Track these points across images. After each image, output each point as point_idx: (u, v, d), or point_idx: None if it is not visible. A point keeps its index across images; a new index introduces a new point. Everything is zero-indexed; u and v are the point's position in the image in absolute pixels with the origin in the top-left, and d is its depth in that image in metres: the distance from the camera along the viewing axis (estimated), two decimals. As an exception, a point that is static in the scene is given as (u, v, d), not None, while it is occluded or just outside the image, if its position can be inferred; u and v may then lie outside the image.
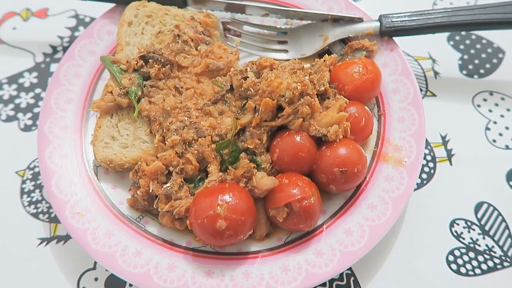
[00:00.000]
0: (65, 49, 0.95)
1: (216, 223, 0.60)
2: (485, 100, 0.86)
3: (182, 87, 0.77)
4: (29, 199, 0.78)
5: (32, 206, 0.77)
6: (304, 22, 0.88)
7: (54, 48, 0.95)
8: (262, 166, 0.69)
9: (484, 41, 0.93)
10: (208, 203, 0.62)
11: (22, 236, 0.74)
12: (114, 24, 0.87)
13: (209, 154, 0.68)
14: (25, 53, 0.95)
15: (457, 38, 0.94)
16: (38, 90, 0.90)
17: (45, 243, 0.74)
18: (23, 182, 0.80)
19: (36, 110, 0.88)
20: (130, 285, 0.70)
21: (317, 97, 0.72)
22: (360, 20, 0.84)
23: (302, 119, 0.68)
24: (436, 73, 0.90)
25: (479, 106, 0.86)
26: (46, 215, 0.76)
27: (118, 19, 0.86)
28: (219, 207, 0.61)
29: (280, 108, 0.69)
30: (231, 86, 0.75)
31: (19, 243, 0.74)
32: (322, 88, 0.73)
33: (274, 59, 0.81)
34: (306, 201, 0.63)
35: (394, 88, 0.79)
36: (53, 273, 0.71)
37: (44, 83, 0.91)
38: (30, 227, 0.75)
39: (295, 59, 0.79)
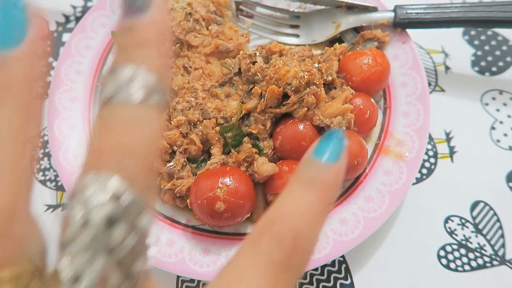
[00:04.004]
0: (77, 19, 0.95)
1: (215, 205, 0.62)
2: (494, 98, 0.86)
3: (191, 67, 0.78)
4: (38, 166, 0.81)
5: (41, 173, 0.80)
6: (318, 7, 0.87)
7: (66, 18, 0.96)
8: (264, 152, 0.70)
9: (500, 38, 0.92)
10: (209, 185, 0.64)
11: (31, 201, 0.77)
12: (127, -3, 0.86)
13: (213, 136, 0.70)
14: (38, 21, 0.95)
15: (473, 33, 0.93)
16: (49, 59, 0.91)
17: (51, 209, 0.77)
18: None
19: (47, 79, 0.89)
20: (130, 256, 0.73)
21: (324, 86, 0.72)
22: (374, 9, 0.83)
23: (306, 108, 0.69)
24: (447, 68, 0.89)
25: (487, 104, 0.85)
26: (53, 183, 0.79)
27: (131, -8, 0.86)
28: (219, 189, 0.63)
29: (285, 96, 0.70)
30: (239, 69, 0.75)
31: (26, 208, 0.77)
32: (330, 78, 0.73)
33: (284, 44, 0.82)
34: (304, 190, 0.65)
35: (403, 81, 0.79)
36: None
37: (56, 52, 0.92)
38: (38, 193, 0.78)
39: (305, 46, 0.79)
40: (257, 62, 0.73)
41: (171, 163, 0.69)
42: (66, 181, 0.71)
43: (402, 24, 0.81)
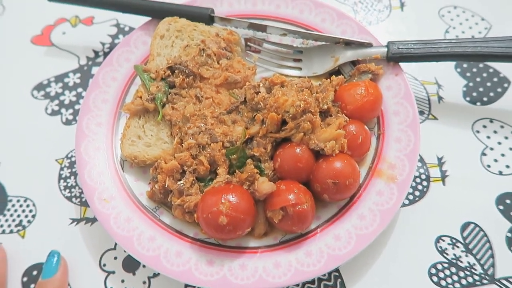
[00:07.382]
0: (105, 54, 1.07)
1: (218, 219, 0.69)
2: (484, 126, 0.91)
3: (202, 96, 0.87)
4: (65, 184, 0.90)
5: (67, 191, 0.90)
6: (319, 43, 0.96)
7: (96, 53, 1.08)
8: (265, 172, 0.78)
9: (491, 70, 0.98)
10: (213, 201, 0.71)
11: (57, 216, 0.87)
12: (148, 35, 0.98)
13: (219, 158, 0.78)
14: (71, 56, 1.08)
15: (465, 65, 0.99)
16: (80, 89, 1.03)
17: (75, 223, 0.86)
18: (61, 169, 0.92)
19: (77, 106, 1.00)
20: (144, 266, 0.80)
21: (320, 114, 0.80)
22: (369, 45, 0.91)
23: (303, 133, 0.76)
24: (440, 98, 0.96)
25: (478, 132, 0.91)
26: (78, 199, 0.88)
27: (153, 31, 0.97)
28: (222, 205, 0.70)
29: (284, 122, 0.78)
30: (245, 98, 0.84)
31: (54, 221, 0.86)
32: (326, 107, 0.81)
33: (286, 76, 0.90)
34: (299, 207, 0.71)
35: (395, 110, 0.86)
36: (80, 249, 0.83)
37: (85, 83, 1.03)
38: (64, 208, 0.88)
39: (305, 78, 0.87)
40: (260, 92, 0.82)
41: (181, 181, 0.77)
42: (89, 197, 0.80)
43: (394, 58, 0.88)
